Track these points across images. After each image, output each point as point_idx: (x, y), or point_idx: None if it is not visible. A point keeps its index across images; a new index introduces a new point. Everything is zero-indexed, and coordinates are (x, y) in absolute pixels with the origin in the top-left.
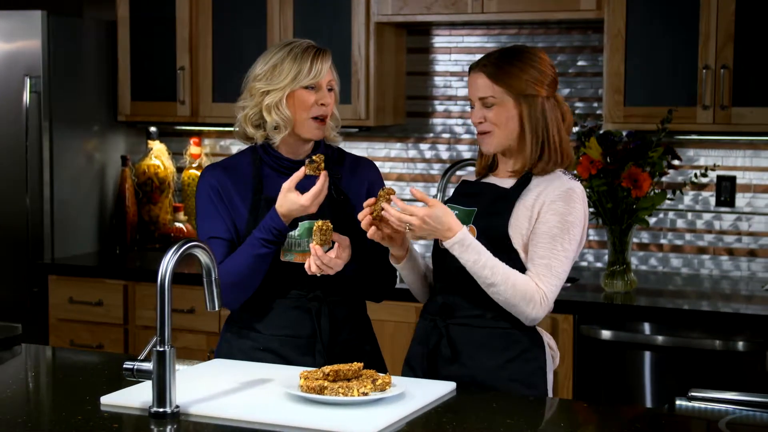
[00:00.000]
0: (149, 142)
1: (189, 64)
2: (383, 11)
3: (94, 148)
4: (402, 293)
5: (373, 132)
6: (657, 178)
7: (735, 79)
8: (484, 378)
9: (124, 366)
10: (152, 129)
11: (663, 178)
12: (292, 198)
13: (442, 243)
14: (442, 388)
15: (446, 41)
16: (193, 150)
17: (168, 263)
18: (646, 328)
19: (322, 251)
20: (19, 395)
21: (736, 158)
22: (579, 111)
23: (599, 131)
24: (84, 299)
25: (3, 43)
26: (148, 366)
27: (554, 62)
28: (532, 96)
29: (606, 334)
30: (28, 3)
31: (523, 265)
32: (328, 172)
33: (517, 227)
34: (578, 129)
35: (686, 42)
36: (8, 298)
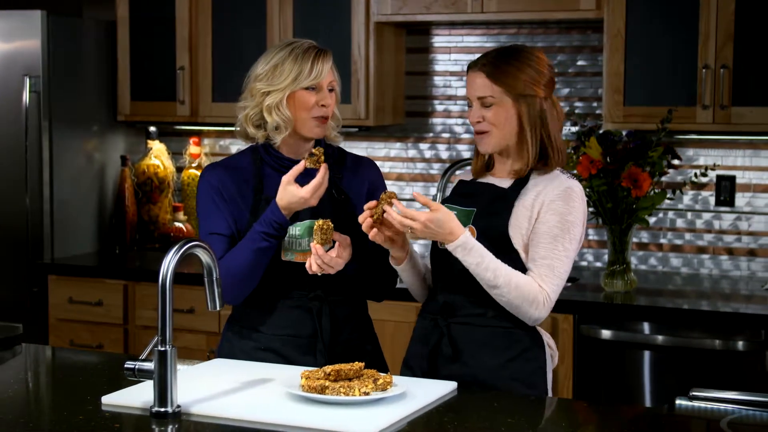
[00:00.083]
0: (149, 141)
1: (189, 63)
2: (383, 11)
3: (94, 148)
4: (402, 293)
5: (373, 132)
6: (657, 178)
7: (735, 79)
8: (485, 377)
9: (126, 366)
10: (152, 129)
11: (663, 178)
12: (291, 191)
13: (441, 244)
14: (443, 388)
15: (446, 41)
16: (193, 150)
17: (169, 263)
18: (645, 328)
19: (322, 250)
20: (19, 395)
21: (736, 158)
22: (579, 111)
23: (599, 131)
24: (84, 299)
25: (2, 43)
26: (150, 366)
27: (554, 62)
28: (530, 96)
29: (606, 333)
30: (27, 3)
31: (523, 265)
32: (329, 172)
33: (517, 227)
34: (578, 129)
35: (686, 42)
36: (8, 298)
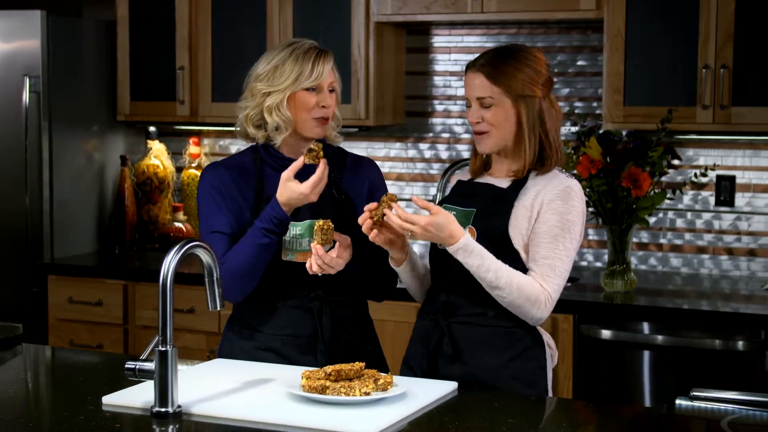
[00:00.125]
0: (148, 141)
1: (188, 63)
2: (383, 11)
3: (94, 148)
4: (402, 293)
5: (373, 132)
6: (657, 178)
7: (735, 79)
8: (486, 377)
9: (126, 366)
10: (151, 129)
11: (663, 178)
12: (291, 187)
13: (441, 245)
14: (443, 388)
15: (446, 41)
16: (193, 150)
17: (170, 263)
18: (645, 328)
19: (323, 251)
20: (20, 395)
21: (736, 158)
22: (579, 111)
23: (599, 131)
24: (83, 299)
25: (2, 43)
26: (150, 366)
27: (554, 62)
28: (529, 97)
29: (606, 333)
30: (27, 3)
31: (524, 265)
32: (329, 173)
33: (516, 227)
34: (578, 129)
35: (686, 42)
36: (8, 298)
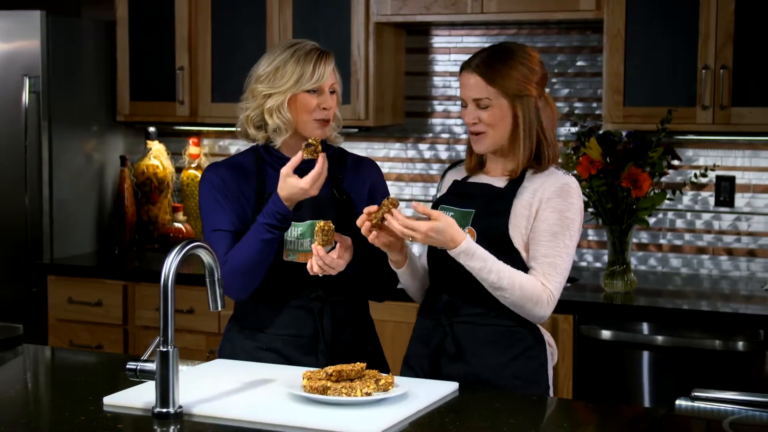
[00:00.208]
0: (148, 142)
1: (188, 63)
2: (382, 11)
3: (93, 148)
4: (402, 293)
5: (372, 132)
6: (657, 179)
7: (734, 79)
8: (489, 376)
9: (128, 366)
10: (151, 129)
11: (663, 179)
12: (291, 182)
13: (439, 247)
14: (444, 388)
15: (445, 41)
16: (192, 150)
17: (171, 264)
18: (645, 328)
19: (323, 252)
20: (21, 396)
21: (736, 158)
22: (579, 111)
23: (599, 131)
24: (83, 299)
25: (2, 43)
26: (152, 366)
27: (553, 62)
28: (526, 96)
29: (606, 334)
30: (27, 3)
31: (524, 264)
32: (330, 173)
33: (516, 226)
34: (578, 129)
35: (686, 42)
36: (7, 299)
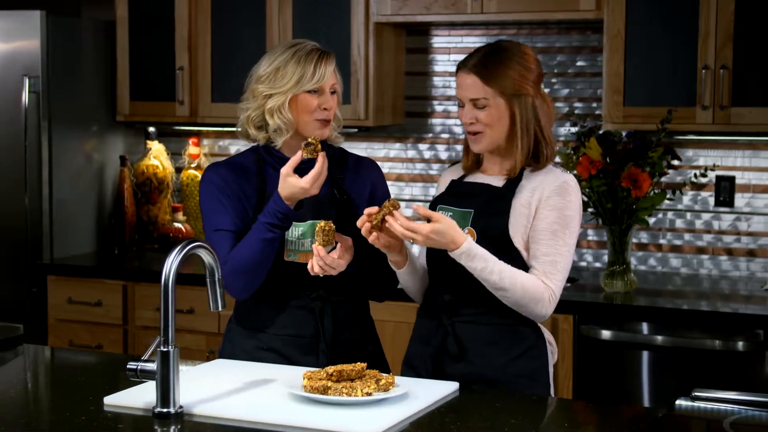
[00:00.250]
0: (148, 142)
1: (188, 64)
2: (382, 11)
3: (93, 148)
4: (402, 293)
5: (372, 132)
6: (656, 179)
7: (734, 79)
8: (492, 375)
9: (128, 366)
10: (151, 129)
11: (662, 179)
12: (292, 182)
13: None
14: (445, 388)
15: (445, 41)
16: (192, 150)
17: (172, 264)
18: (645, 328)
19: (324, 252)
20: (21, 396)
21: (736, 158)
22: (578, 111)
23: (599, 131)
24: (83, 299)
25: (2, 43)
26: (152, 366)
27: (553, 62)
28: (523, 96)
29: (606, 334)
30: (26, 3)
31: (525, 263)
32: (330, 173)
33: (516, 226)
34: (578, 129)
35: (685, 42)
36: (7, 299)
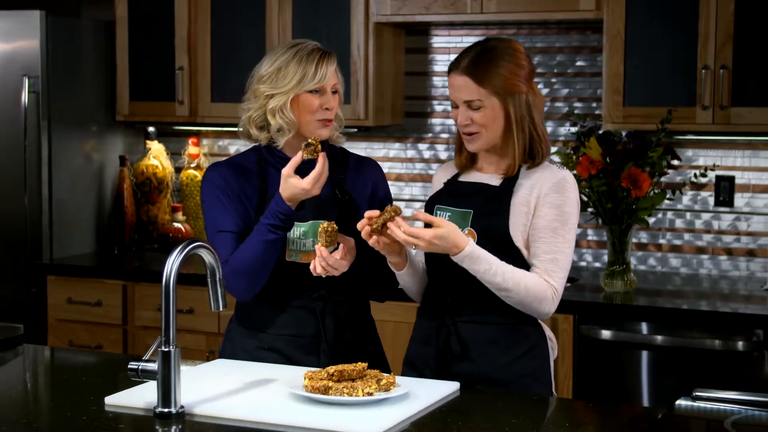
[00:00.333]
0: (147, 142)
1: (188, 64)
2: (382, 11)
3: (93, 148)
4: (403, 293)
5: (372, 132)
6: (656, 178)
7: (734, 80)
8: (495, 374)
9: (129, 366)
10: (151, 129)
11: (662, 179)
12: (293, 183)
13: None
14: (446, 388)
15: (445, 41)
16: (192, 150)
17: (173, 264)
18: (645, 328)
19: (327, 252)
20: (22, 396)
21: (735, 158)
22: (578, 111)
23: (599, 131)
24: (83, 299)
25: (1, 43)
26: (153, 366)
27: (553, 62)
28: (517, 94)
29: (605, 333)
30: (26, 3)
31: (525, 262)
32: (332, 173)
33: (516, 225)
34: (578, 129)
35: (685, 42)
36: (7, 299)
